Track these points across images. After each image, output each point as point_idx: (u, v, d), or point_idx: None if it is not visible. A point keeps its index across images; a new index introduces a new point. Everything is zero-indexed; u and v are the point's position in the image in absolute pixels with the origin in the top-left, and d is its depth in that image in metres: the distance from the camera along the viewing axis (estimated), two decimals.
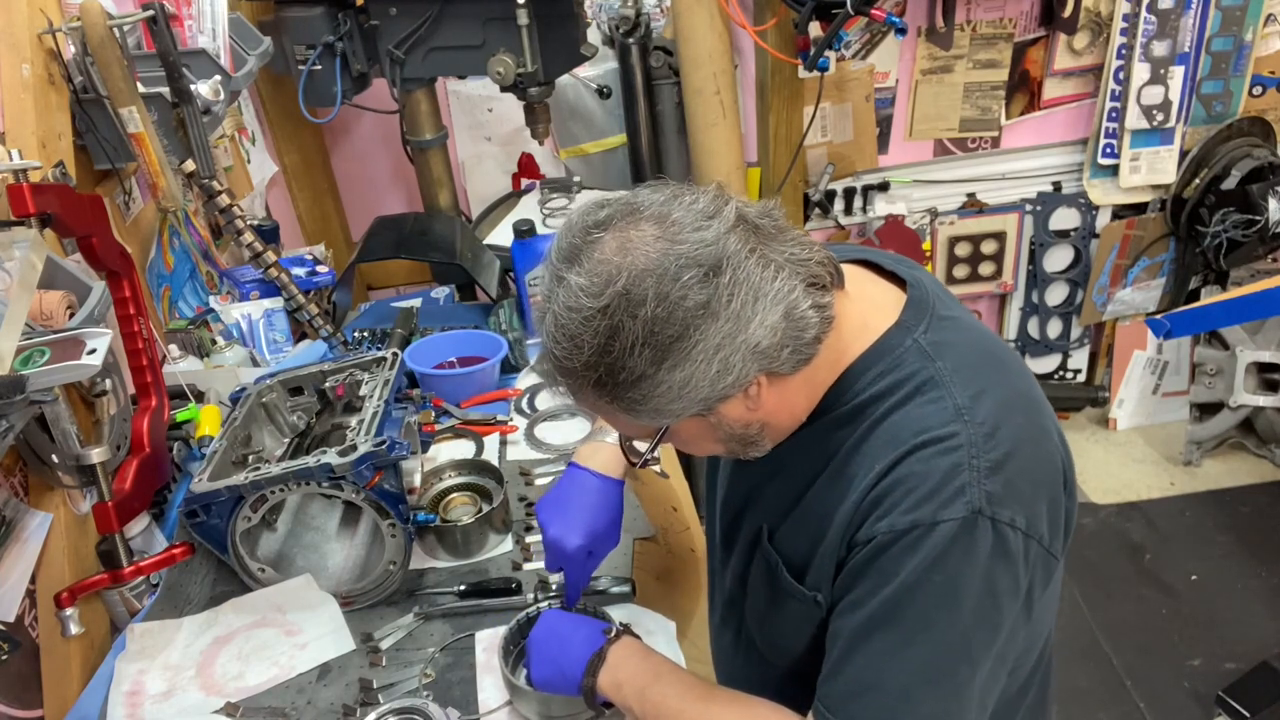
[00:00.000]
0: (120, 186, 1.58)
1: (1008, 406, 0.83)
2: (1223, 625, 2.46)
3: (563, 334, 0.76)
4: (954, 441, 0.79)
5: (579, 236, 0.78)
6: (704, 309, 0.74)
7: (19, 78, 1.31)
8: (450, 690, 1.14)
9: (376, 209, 2.38)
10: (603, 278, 0.74)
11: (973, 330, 0.90)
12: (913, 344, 0.85)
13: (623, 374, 0.75)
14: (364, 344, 1.87)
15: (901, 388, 0.83)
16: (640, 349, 0.74)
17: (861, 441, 0.84)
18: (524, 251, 1.81)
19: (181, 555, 1.29)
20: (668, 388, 0.76)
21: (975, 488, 0.78)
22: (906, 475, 0.79)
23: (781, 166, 2.59)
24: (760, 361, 0.77)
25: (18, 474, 1.21)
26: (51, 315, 1.16)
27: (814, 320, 0.79)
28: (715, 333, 0.74)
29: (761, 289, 0.76)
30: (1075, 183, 2.86)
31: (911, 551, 0.78)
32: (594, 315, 0.74)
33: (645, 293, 0.73)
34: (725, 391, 0.77)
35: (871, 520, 0.80)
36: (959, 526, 0.77)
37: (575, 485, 1.11)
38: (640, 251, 0.74)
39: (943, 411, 0.81)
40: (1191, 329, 2.41)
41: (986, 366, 0.86)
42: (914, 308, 0.88)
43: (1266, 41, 2.66)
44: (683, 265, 0.74)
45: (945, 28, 2.56)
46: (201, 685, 1.18)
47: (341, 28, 1.97)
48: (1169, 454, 3.06)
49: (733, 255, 0.75)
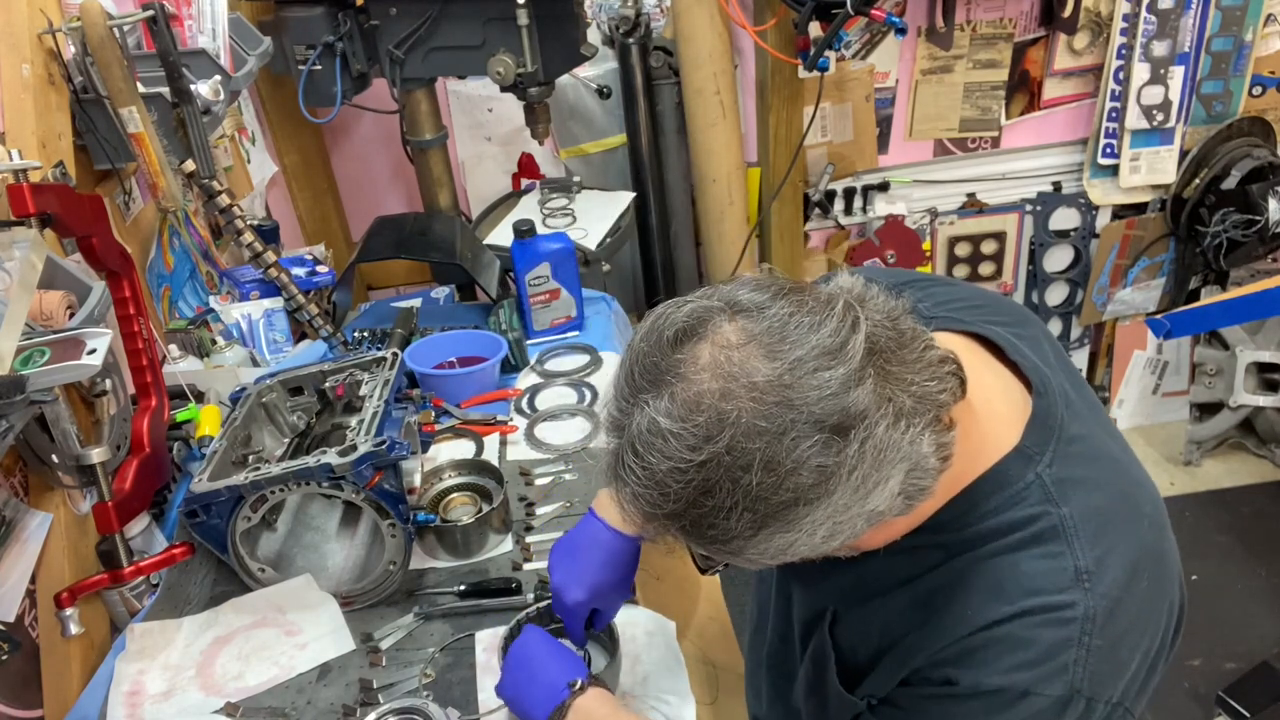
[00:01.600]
0: (120, 186, 1.58)
1: (1135, 572, 0.75)
2: (1223, 625, 2.46)
3: (647, 477, 0.64)
4: (1070, 613, 0.71)
5: (666, 356, 0.65)
6: (822, 481, 0.62)
7: (19, 78, 1.31)
8: (450, 690, 1.14)
9: (376, 209, 2.38)
10: (701, 429, 0.62)
11: (1104, 460, 0.80)
12: (1035, 479, 0.75)
13: (712, 530, 0.65)
14: (364, 344, 1.87)
15: (1017, 530, 0.74)
16: (739, 514, 0.63)
17: (962, 575, 0.75)
18: (524, 251, 1.81)
19: (181, 555, 1.29)
20: (763, 549, 0.66)
21: (1082, 667, 0.71)
22: (1007, 636, 0.72)
23: (781, 166, 2.59)
24: (872, 521, 0.67)
25: (18, 474, 1.21)
26: (51, 315, 1.16)
27: (934, 465, 0.67)
28: (830, 505, 0.63)
29: (889, 453, 0.63)
30: (1075, 183, 2.86)
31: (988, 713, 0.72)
32: (688, 469, 0.62)
33: (752, 456, 0.61)
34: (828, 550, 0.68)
35: (955, 666, 0.74)
36: (1052, 703, 0.71)
37: (588, 536, 1.04)
38: (748, 400, 0.61)
39: (1062, 574, 0.72)
40: (1191, 329, 2.41)
41: (1117, 516, 0.76)
42: (1039, 427, 0.77)
43: (1266, 41, 2.65)
44: (802, 425, 0.61)
45: (945, 28, 2.56)
46: (201, 685, 1.18)
47: (341, 28, 1.97)
48: (1169, 454, 3.06)
49: (863, 417, 0.62)
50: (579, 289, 1.88)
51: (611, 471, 0.69)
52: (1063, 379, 0.82)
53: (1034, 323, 0.89)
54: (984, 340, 0.83)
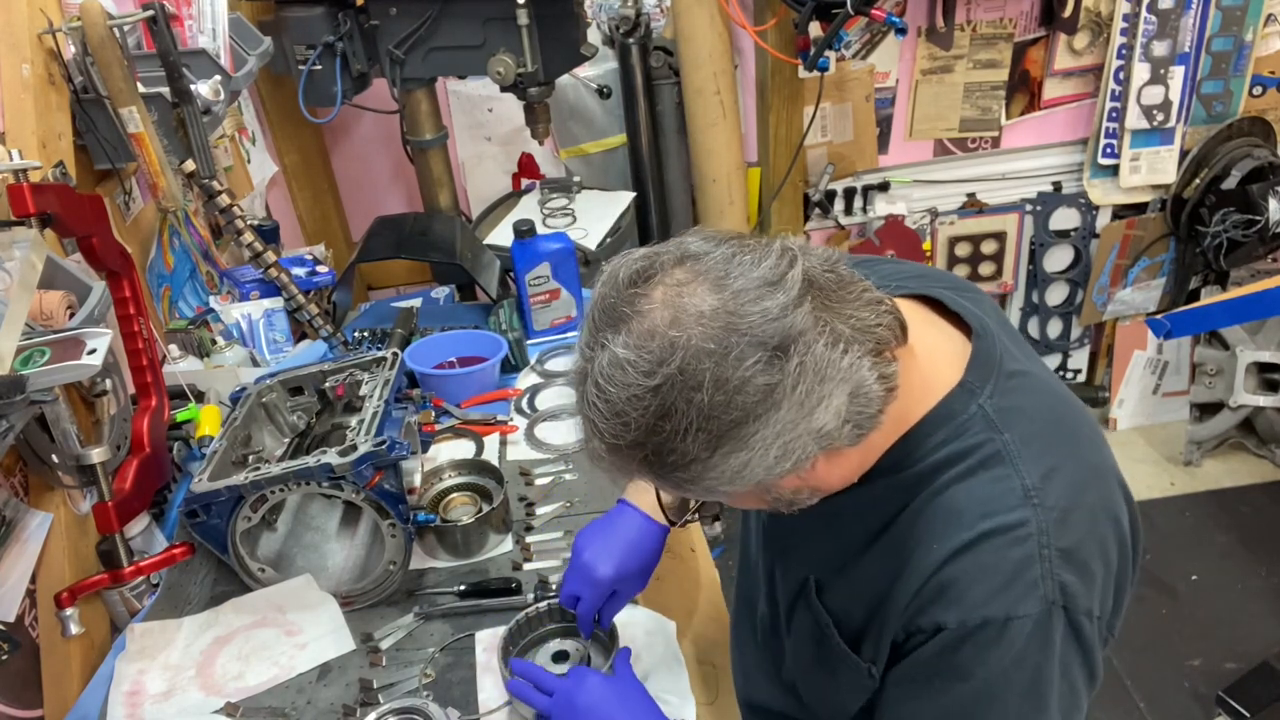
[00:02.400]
0: (120, 186, 1.58)
1: (1080, 486, 0.78)
2: (1223, 625, 2.46)
3: (609, 409, 0.69)
4: (1024, 530, 0.75)
5: (624, 296, 0.70)
6: (767, 395, 0.67)
7: (19, 78, 1.31)
8: (450, 690, 1.14)
9: (376, 209, 2.38)
10: (654, 354, 0.66)
11: (1043, 391, 0.84)
12: (978, 410, 0.79)
13: (672, 456, 0.69)
14: (364, 344, 1.87)
15: (965, 459, 0.78)
16: (694, 434, 0.67)
17: (920, 513, 0.79)
18: (524, 251, 1.81)
19: (181, 555, 1.29)
20: (721, 471, 0.70)
21: (1049, 580, 0.74)
22: (973, 565, 0.75)
23: (781, 166, 2.59)
24: (821, 443, 0.71)
25: (18, 474, 1.21)
26: (51, 315, 1.16)
27: (879, 394, 0.72)
28: (777, 420, 0.67)
29: (829, 371, 0.68)
30: (1075, 183, 2.86)
31: (987, 649, 0.75)
32: (644, 394, 0.67)
33: (702, 375, 0.65)
34: (782, 473, 0.71)
35: (937, 608, 0.77)
36: (1034, 622, 0.74)
37: (621, 520, 1.08)
38: (696, 326, 0.66)
39: (1010, 493, 0.76)
40: (1191, 329, 2.41)
41: (1056, 437, 0.80)
42: (980, 364, 0.81)
43: (1266, 41, 2.66)
44: (745, 345, 0.66)
45: (945, 28, 2.56)
46: (201, 685, 1.18)
47: (341, 28, 1.97)
48: (1169, 454, 3.06)
49: (801, 335, 0.67)
50: (579, 289, 1.88)
51: (579, 411, 0.73)
52: (1001, 333, 0.86)
53: (976, 290, 0.94)
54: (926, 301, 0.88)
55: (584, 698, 0.99)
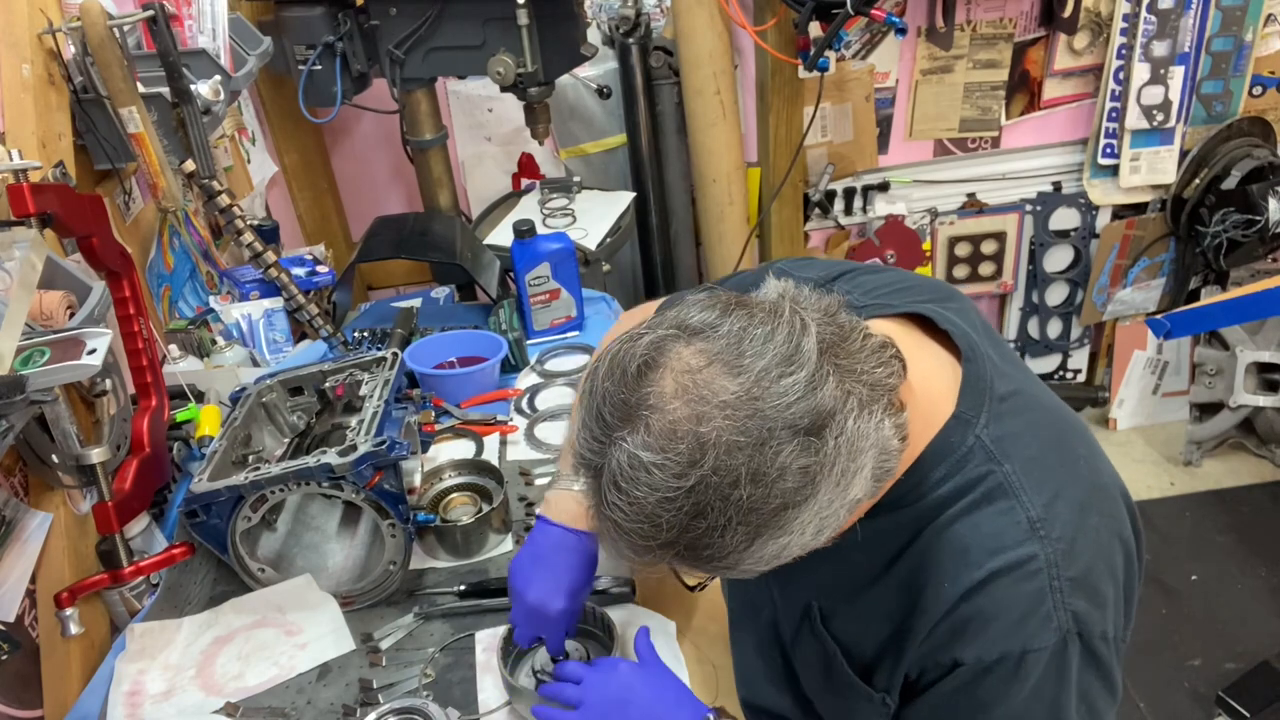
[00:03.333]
0: (120, 186, 1.58)
1: (1083, 509, 0.78)
2: (1223, 625, 2.46)
3: (636, 512, 0.65)
4: (1034, 565, 0.75)
5: (631, 388, 0.66)
6: (806, 482, 0.64)
7: (19, 78, 1.31)
8: (450, 690, 1.14)
9: (376, 209, 2.38)
10: (684, 455, 0.63)
11: (1036, 409, 0.84)
12: (975, 442, 0.78)
13: (708, 550, 0.66)
14: (364, 344, 1.87)
15: (967, 494, 0.77)
16: (734, 528, 0.64)
17: (928, 549, 0.78)
18: (524, 251, 1.81)
19: (181, 555, 1.29)
20: (759, 557, 0.67)
21: (1062, 610, 0.74)
22: (988, 604, 0.75)
23: (781, 166, 2.59)
24: (853, 509, 0.69)
25: (18, 474, 1.21)
26: (51, 315, 1.16)
27: (895, 447, 0.70)
28: (816, 503, 0.66)
29: (859, 443, 0.66)
30: (1075, 183, 2.86)
31: (1005, 683, 0.75)
32: (677, 496, 0.64)
33: (738, 471, 0.63)
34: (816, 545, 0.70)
35: (954, 646, 0.77)
36: (1051, 653, 0.74)
37: (549, 543, 1.05)
38: (723, 419, 0.63)
39: (1016, 527, 0.76)
40: (1191, 329, 2.41)
41: (1055, 460, 0.80)
42: (972, 391, 0.81)
43: (1266, 41, 2.66)
44: (779, 435, 0.63)
45: (945, 28, 2.56)
46: (201, 685, 1.18)
47: (341, 28, 1.97)
48: (1169, 454, 3.06)
49: (833, 414, 0.65)
50: (579, 289, 1.88)
51: (596, 512, 0.69)
52: (988, 347, 0.85)
53: (959, 297, 0.92)
54: (914, 318, 0.86)
55: (616, 684, 0.97)
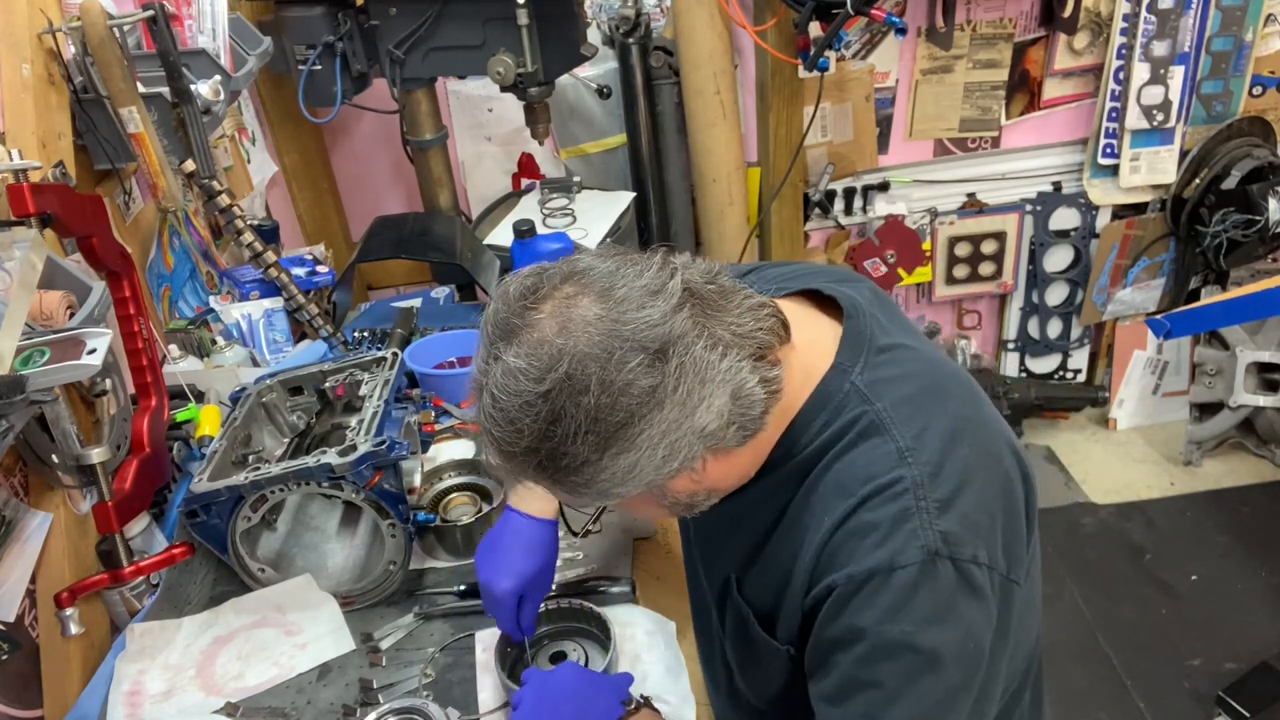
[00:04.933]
0: (120, 186, 1.58)
1: (952, 438, 0.81)
2: (1223, 625, 2.46)
3: (502, 417, 0.73)
4: (900, 486, 0.78)
5: (515, 310, 0.74)
6: (650, 396, 0.71)
7: (19, 78, 1.31)
8: (450, 690, 1.14)
9: (376, 209, 2.38)
10: (543, 361, 0.71)
11: (912, 360, 0.87)
12: (851, 388, 0.83)
13: (564, 459, 0.73)
14: (364, 344, 1.87)
15: (844, 435, 0.82)
16: (584, 436, 0.71)
17: (811, 491, 0.83)
18: (524, 251, 1.81)
19: (181, 555, 1.29)
20: (611, 473, 0.73)
21: (928, 529, 0.76)
22: (858, 526, 0.78)
23: (781, 166, 2.59)
24: (706, 442, 0.75)
25: (18, 474, 1.21)
26: (51, 315, 1.16)
27: (760, 396, 0.77)
28: (661, 420, 0.72)
29: (708, 373, 0.73)
30: (1075, 183, 2.86)
31: (873, 602, 0.76)
32: (535, 400, 0.71)
33: (589, 379, 0.70)
34: (670, 474, 0.76)
35: (829, 571, 0.79)
36: (918, 571, 0.75)
37: (509, 529, 1.10)
38: (583, 333, 0.71)
39: (887, 457, 0.79)
40: (1191, 329, 2.41)
41: (926, 399, 0.83)
42: (850, 344, 0.86)
43: (1266, 41, 2.66)
44: (628, 350, 0.71)
45: (945, 28, 2.56)
46: (201, 685, 1.18)
47: (341, 28, 1.97)
48: (1169, 454, 3.06)
49: (680, 339, 0.72)
50: None
51: (479, 424, 0.77)
52: (877, 311, 0.89)
53: (858, 279, 0.97)
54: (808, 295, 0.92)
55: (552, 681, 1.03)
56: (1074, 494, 2.96)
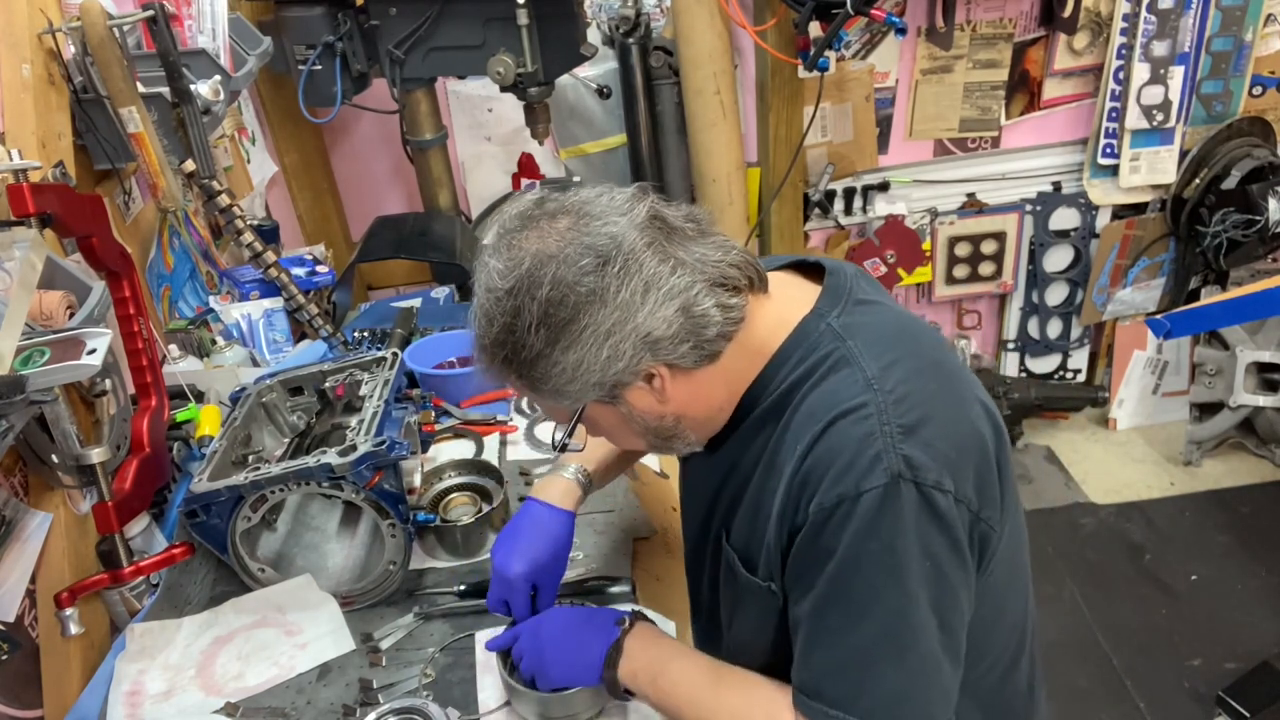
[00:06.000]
0: (120, 186, 1.58)
1: (919, 373, 0.84)
2: (1223, 625, 2.46)
3: (480, 312, 0.83)
4: (865, 411, 0.80)
5: (509, 226, 0.84)
6: (593, 295, 0.79)
7: (19, 78, 1.31)
8: (450, 690, 1.14)
9: (376, 209, 2.38)
10: (514, 261, 0.80)
11: (889, 311, 0.91)
12: (826, 328, 0.87)
13: (524, 352, 0.81)
14: (364, 344, 1.87)
15: (817, 369, 0.85)
16: (537, 329, 0.79)
17: (786, 428, 0.86)
18: None
19: (181, 555, 1.29)
20: (562, 368, 0.81)
21: (891, 453, 0.78)
22: (824, 451, 0.81)
23: (781, 166, 2.59)
24: (655, 352, 0.81)
25: (18, 474, 1.21)
26: (51, 315, 1.16)
27: (716, 318, 0.82)
28: (605, 319, 0.79)
29: (655, 281, 0.80)
30: (1075, 183, 2.86)
31: (843, 525, 0.79)
32: (503, 295, 0.80)
33: (544, 276, 0.79)
34: (619, 377, 0.82)
35: (803, 503, 0.82)
36: (883, 493, 0.78)
37: (526, 516, 1.12)
38: (551, 240, 0.80)
39: (853, 384, 0.82)
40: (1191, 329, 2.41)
41: (898, 340, 0.87)
42: (829, 295, 0.90)
43: (1266, 41, 2.66)
44: (582, 252, 0.79)
45: (945, 28, 2.56)
46: (201, 685, 1.18)
47: (341, 28, 1.97)
48: (1169, 454, 3.06)
49: (629, 247, 0.79)
50: None
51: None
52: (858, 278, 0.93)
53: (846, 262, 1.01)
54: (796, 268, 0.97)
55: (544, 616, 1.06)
56: (1074, 494, 2.96)
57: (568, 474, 1.14)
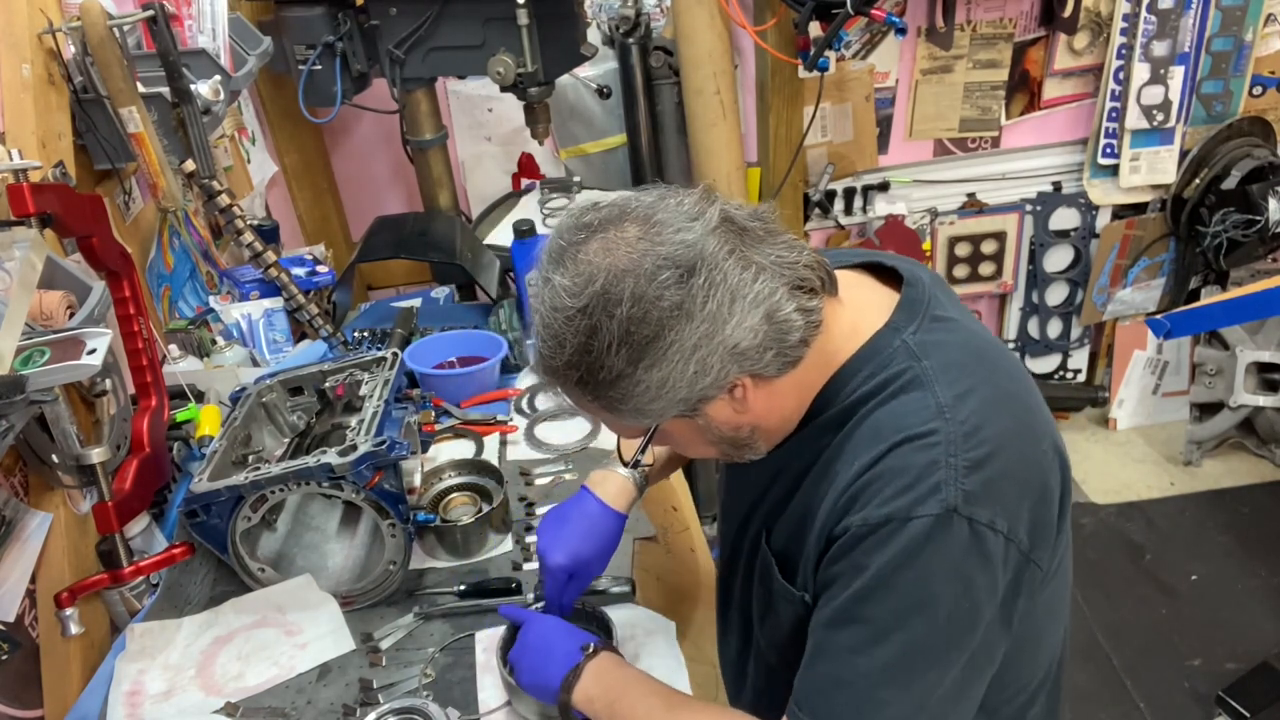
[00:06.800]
0: (120, 186, 1.58)
1: (993, 406, 0.81)
2: (1223, 625, 2.46)
3: (548, 333, 0.77)
4: (933, 439, 0.78)
5: (567, 238, 0.78)
6: (679, 309, 0.74)
7: (19, 78, 1.31)
8: (450, 690, 1.14)
9: (376, 209, 2.38)
10: (584, 277, 0.75)
11: (967, 331, 0.88)
12: (901, 344, 0.84)
13: (602, 373, 0.76)
14: (364, 344, 1.87)
15: (887, 387, 0.82)
16: (618, 348, 0.75)
17: (846, 439, 0.84)
18: (524, 251, 1.81)
19: (181, 555, 1.29)
20: (646, 387, 0.77)
21: (952, 486, 0.76)
22: (884, 470, 0.79)
23: (781, 166, 2.59)
24: (741, 363, 0.77)
25: (18, 474, 1.21)
26: (51, 315, 1.16)
27: (798, 323, 0.78)
28: (691, 333, 0.75)
29: (740, 290, 0.76)
30: (1075, 183, 2.86)
31: (884, 545, 0.77)
32: (575, 315, 0.75)
33: (622, 292, 0.74)
34: (705, 392, 0.78)
35: (849, 514, 0.80)
36: (933, 523, 0.76)
37: (578, 506, 1.10)
38: (621, 252, 0.75)
39: (924, 409, 0.80)
40: (1191, 329, 2.41)
41: (975, 365, 0.84)
42: (906, 308, 0.87)
43: (1266, 41, 2.65)
44: (660, 265, 0.74)
45: (945, 28, 2.56)
46: (201, 685, 1.18)
47: (341, 28, 1.97)
48: (1169, 454, 3.06)
49: (710, 256, 0.75)
50: None
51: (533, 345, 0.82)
52: (935, 288, 0.90)
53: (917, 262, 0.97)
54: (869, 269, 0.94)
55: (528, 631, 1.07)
56: (1074, 494, 2.95)
57: (625, 472, 1.12)
